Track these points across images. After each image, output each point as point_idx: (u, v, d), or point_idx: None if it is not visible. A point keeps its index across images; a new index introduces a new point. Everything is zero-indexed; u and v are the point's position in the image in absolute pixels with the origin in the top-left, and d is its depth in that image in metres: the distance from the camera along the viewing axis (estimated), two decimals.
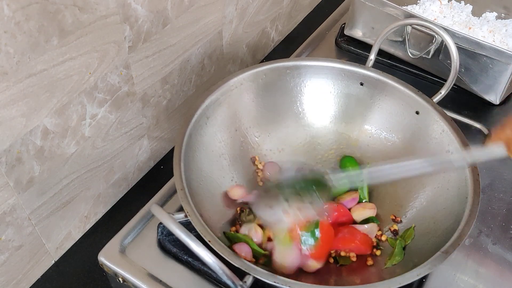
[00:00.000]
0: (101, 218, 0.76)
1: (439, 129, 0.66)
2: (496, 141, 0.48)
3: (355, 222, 0.65)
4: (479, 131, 0.80)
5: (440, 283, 0.61)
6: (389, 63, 0.90)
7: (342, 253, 0.62)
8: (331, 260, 0.61)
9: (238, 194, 0.65)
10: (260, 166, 0.71)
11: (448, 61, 0.74)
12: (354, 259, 0.61)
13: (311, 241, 0.58)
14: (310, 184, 0.57)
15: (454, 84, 0.74)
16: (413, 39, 0.84)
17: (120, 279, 0.60)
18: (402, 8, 0.81)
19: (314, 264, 0.59)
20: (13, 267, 0.63)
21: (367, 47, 0.83)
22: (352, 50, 0.94)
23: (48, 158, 0.61)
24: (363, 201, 0.68)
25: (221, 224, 0.62)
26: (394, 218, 0.65)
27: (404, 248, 0.61)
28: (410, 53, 0.84)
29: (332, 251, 0.62)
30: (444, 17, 0.90)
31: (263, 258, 0.59)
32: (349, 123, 0.75)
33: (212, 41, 0.82)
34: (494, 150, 0.48)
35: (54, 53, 0.54)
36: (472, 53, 0.78)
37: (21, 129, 0.55)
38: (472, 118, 0.82)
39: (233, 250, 0.58)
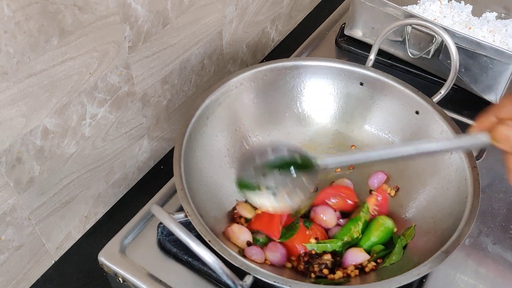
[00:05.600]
0: (101, 218, 0.76)
1: (438, 129, 0.66)
2: (480, 129, 0.48)
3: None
4: None
5: (440, 283, 0.61)
6: (389, 63, 0.90)
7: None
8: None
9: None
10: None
11: (448, 61, 0.74)
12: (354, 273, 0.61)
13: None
14: (297, 167, 0.56)
15: (454, 84, 0.74)
16: (413, 39, 0.84)
17: (120, 279, 0.60)
18: (402, 8, 0.81)
19: None
20: (13, 267, 0.63)
21: (367, 47, 0.83)
22: (352, 50, 0.94)
23: (48, 158, 0.61)
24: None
25: (221, 223, 0.62)
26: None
27: (404, 248, 0.61)
28: (410, 53, 0.84)
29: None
30: (444, 17, 0.90)
31: None
32: (349, 123, 0.75)
33: (212, 41, 0.82)
34: (478, 137, 0.48)
35: (54, 53, 0.54)
36: (472, 53, 0.78)
37: (21, 129, 0.55)
38: (472, 118, 0.81)
39: (244, 255, 0.58)
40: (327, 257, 0.60)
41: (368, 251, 0.62)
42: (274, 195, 0.55)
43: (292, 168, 0.55)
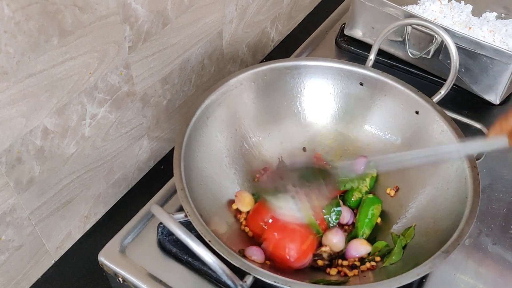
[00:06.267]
0: (101, 218, 0.76)
1: (438, 129, 0.66)
2: (498, 132, 0.48)
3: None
4: (479, 131, 0.80)
5: (440, 283, 0.61)
6: (389, 63, 0.90)
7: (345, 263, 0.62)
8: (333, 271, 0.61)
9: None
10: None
11: (448, 61, 0.74)
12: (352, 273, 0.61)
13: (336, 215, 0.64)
14: (317, 173, 0.59)
15: (454, 84, 0.74)
16: (413, 39, 0.84)
17: (120, 279, 0.60)
18: (402, 8, 0.81)
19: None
20: (13, 267, 0.63)
21: (367, 47, 0.83)
22: (352, 50, 0.94)
23: (48, 158, 0.61)
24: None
25: (221, 223, 0.62)
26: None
27: (404, 248, 0.61)
28: (410, 53, 0.84)
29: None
30: (444, 17, 0.90)
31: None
32: (349, 123, 0.75)
33: (212, 41, 0.82)
34: (495, 141, 0.48)
35: (54, 53, 0.54)
36: (472, 53, 0.78)
37: (21, 129, 0.55)
38: (472, 118, 0.82)
39: (244, 255, 0.58)
40: (325, 249, 0.61)
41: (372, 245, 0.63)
42: (293, 198, 0.58)
43: (309, 175, 0.60)
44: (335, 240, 0.62)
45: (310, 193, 0.58)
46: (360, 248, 0.62)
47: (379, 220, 0.66)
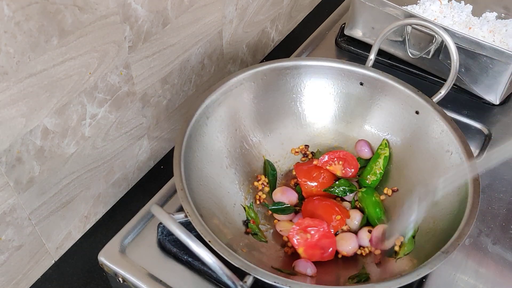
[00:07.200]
0: (101, 218, 0.76)
1: (439, 129, 0.66)
2: None
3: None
4: (479, 131, 0.80)
5: (440, 283, 0.61)
6: (389, 63, 0.90)
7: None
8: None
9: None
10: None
11: (448, 61, 0.74)
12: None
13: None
14: None
15: (454, 84, 0.74)
16: (413, 39, 0.84)
17: (120, 279, 0.60)
18: (402, 8, 0.81)
19: None
20: (13, 267, 0.63)
21: (367, 47, 0.83)
22: (352, 50, 0.94)
23: (48, 158, 0.61)
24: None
25: (222, 223, 0.62)
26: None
27: (413, 237, 0.61)
28: (410, 53, 0.84)
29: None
30: (444, 17, 0.90)
31: None
32: (349, 123, 0.75)
33: (212, 41, 0.82)
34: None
35: (54, 53, 0.54)
36: (472, 53, 0.78)
37: (21, 129, 0.55)
38: (472, 118, 0.82)
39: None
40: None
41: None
42: None
43: None
44: (349, 246, 0.63)
45: None
46: (365, 239, 0.64)
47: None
